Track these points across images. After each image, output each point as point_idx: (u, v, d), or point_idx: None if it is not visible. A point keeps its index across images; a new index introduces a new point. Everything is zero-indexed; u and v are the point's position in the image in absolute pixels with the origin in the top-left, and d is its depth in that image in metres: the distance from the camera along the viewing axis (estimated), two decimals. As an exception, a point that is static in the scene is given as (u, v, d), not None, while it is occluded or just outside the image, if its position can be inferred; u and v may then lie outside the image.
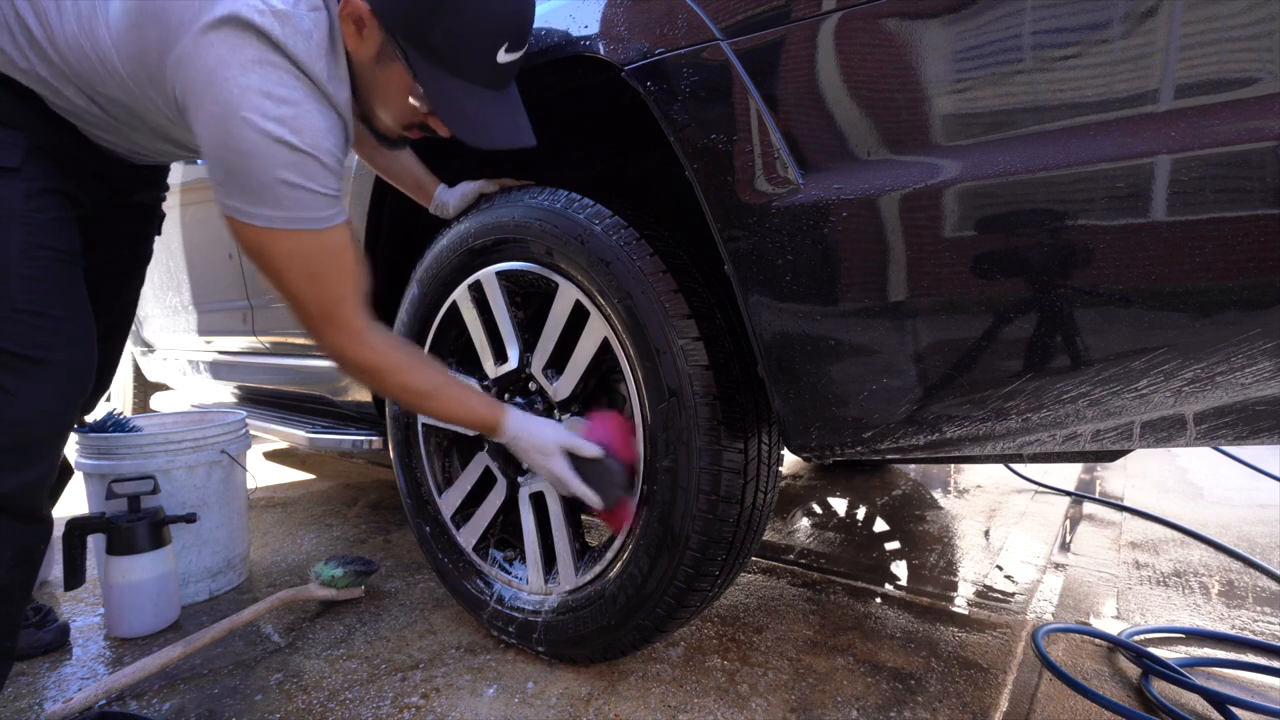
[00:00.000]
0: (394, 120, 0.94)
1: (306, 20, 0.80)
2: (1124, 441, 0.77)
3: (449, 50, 0.83)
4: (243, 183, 0.80)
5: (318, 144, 0.81)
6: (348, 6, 0.82)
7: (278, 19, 0.77)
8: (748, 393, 1.00)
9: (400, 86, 0.88)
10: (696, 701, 1.08)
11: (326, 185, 0.83)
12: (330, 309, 0.90)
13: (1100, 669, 1.19)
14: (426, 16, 0.81)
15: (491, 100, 0.88)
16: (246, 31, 0.76)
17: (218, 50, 0.76)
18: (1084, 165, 0.64)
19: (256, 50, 0.76)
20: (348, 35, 0.84)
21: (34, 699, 1.11)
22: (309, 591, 1.40)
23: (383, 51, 0.86)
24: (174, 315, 2.44)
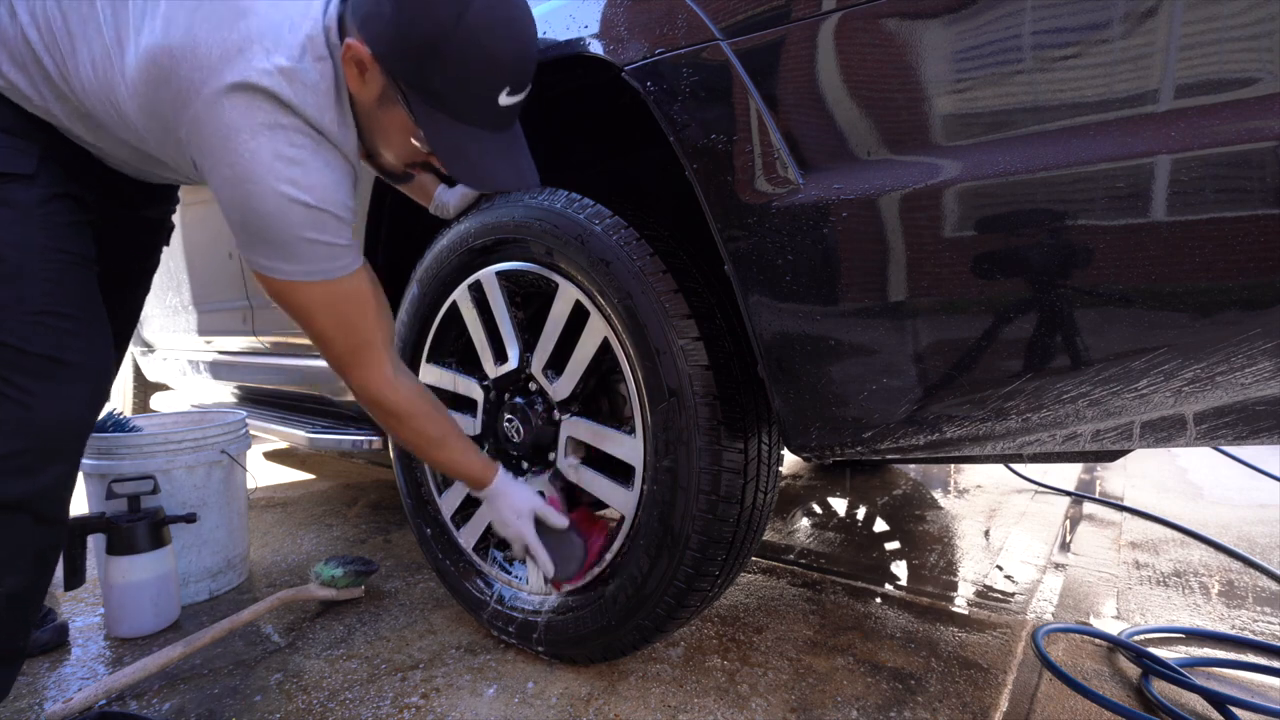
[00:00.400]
0: (397, 159, 0.95)
1: (313, 72, 0.80)
2: (1124, 441, 0.77)
3: (450, 95, 0.83)
4: (263, 240, 0.83)
5: (330, 199, 0.83)
6: (350, 51, 0.81)
7: (286, 78, 0.78)
8: (748, 393, 1.00)
9: (402, 128, 0.88)
10: (696, 701, 1.08)
11: (341, 236, 0.86)
12: (356, 351, 0.95)
13: (1100, 669, 1.19)
14: (427, 63, 0.81)
15: (493, 142, 0.88)
16: (256, 95, 0.77)
17: (229, 116, 0.77)
18: (1084, 165, 0.64)
19: (267, 114, 0.78)
20: (350, 78, 0.84)
21: (34, 699, 1.11)
22: (309, 591, 1.40)
23: (384, 95, 0.86)
24: (174, 315, 2.44)
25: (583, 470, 1.12)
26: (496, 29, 0.80)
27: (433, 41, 0.79)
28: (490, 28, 0.80)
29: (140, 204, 1.09)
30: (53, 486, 0.87)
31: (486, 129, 0.87)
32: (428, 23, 0.78)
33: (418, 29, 0.79)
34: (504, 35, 0.81)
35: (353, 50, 0.81)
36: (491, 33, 0.80)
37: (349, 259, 0.89)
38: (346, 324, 0.92)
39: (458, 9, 0.78)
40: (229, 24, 0.77)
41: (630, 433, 1.05)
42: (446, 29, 0.78)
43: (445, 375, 1.32)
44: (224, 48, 0.77)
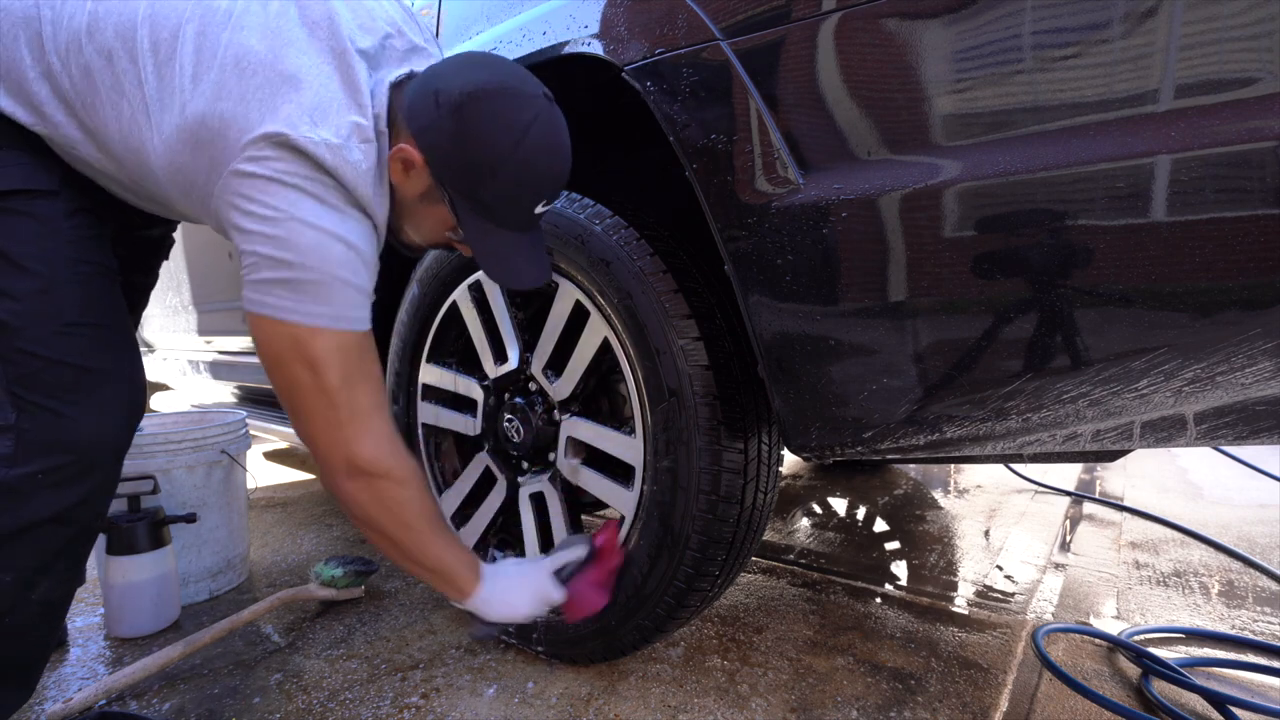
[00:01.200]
0: (424, 241, 0.99)
1: (357, 152, 0.82)
2: (1124, 441, 0.77)
3: (496, 207, 0.89)
4: (296, 280, 0.81)
5: (365, 246, 0.85)
6: (401, 153, 0.86)
7: (329, 150, 0.80)
8: (748, 393, 1.00)
9: (440, 222, 0.94)
10: (696, 701, 1.08)
11: (367, 286, 0.87)
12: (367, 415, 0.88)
13: (1100, 669, 1.19)
14: (481, 179, 0.86)
15: (523, 242, 0.94)
16: (298, 154, 0.79)
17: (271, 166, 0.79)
18: (1084, 165, 0.64)
19: (308, 170, 0.80)
20: (394, 172, 0.88)
21: (34, 699, 1.11)
22: (309, 591, 1.40)
23: (429, 194, 0.90)
24: (174, 315, 2.44)
25: (583, 470, 1.12)
26: (548, 156, 0.88)
27: (490, 164, 0.85)
28: (543, 155, 0.87)
29: (143, 225, 1.10)
30: (90, 499, 0.87)
31: (517, 231, 0.93)
32: (488, 148, 0.84)
33: (477, 151, 0.84)
34: (554, 161, 0.89)
35: (404, 153, 0.86)
36: (544, 159, 0.87)
37: (367, 313, 0.88)
38: (362, 379, 0.87)
39: (516, 138, 0.84)
40: (281, 96, 0.79)
41: (630, 433, 1.05)
42: (504, 155, 0.84)
43: (445, 375, 1.32)
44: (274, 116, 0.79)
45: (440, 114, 0.84)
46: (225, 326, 2.20)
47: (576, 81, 1.17)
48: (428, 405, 1.35)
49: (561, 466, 1.15)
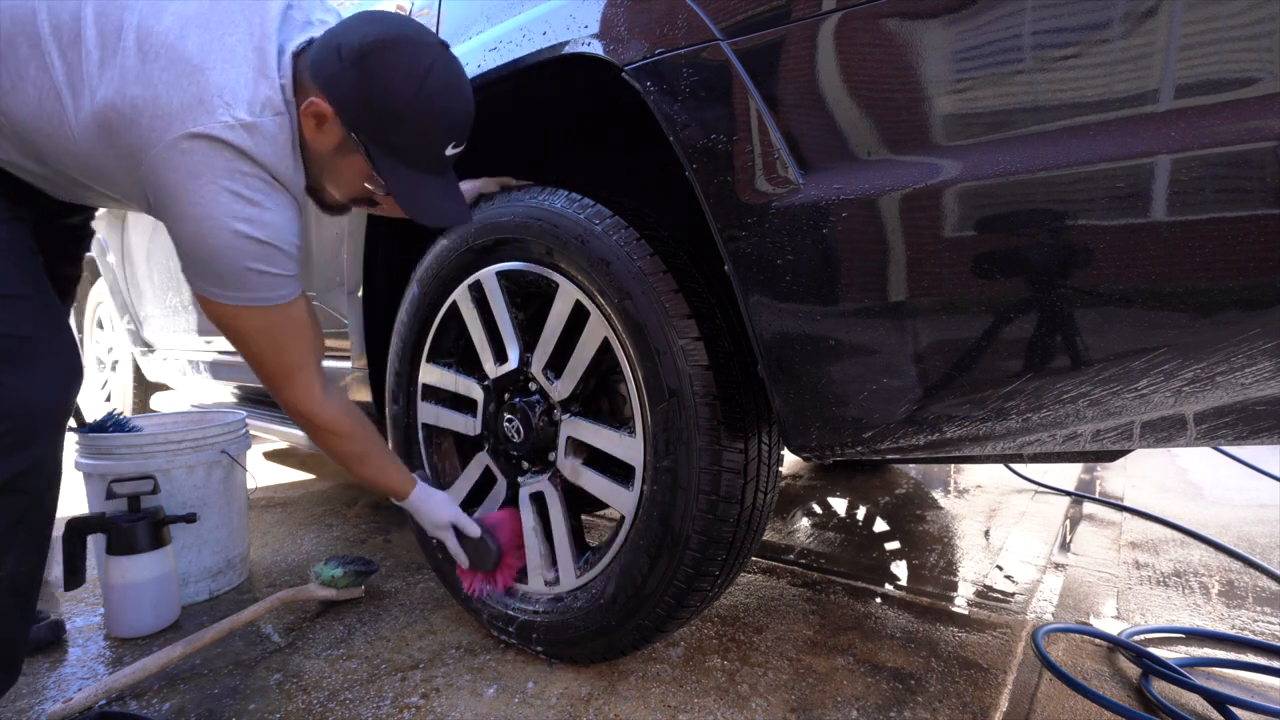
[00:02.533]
0: (344, 196, 1.05)
1: (271, 125, 0.89)
2: (1124, 441, 0.77)
3: (407, 149, 0.94)
4: (215, 272, 0.91)
5: (280, 237, 0.92)
6: (312, 107, 0.91)
7: (247, 131, 0.86)
8: (748, 393, 1.00)
9: (358, 173, 0.99)
10: (696, 701, 1.08)
11: (286, 269, 0.95)
12: (291, 373, 1.03)
13: (1100, 669, 1.19)
14: (389, 123, 0.91)
15: (438, 185, 1.00)
16: (215, 144, 0.84)
17: (189, 162, 0.84)
18: (1084, 165, 0.64)
19: (226, 160, 0.85)
20: (307, 129, 0.94)
21: (34, 699, 1.11)
22: (309, 591, 1.40)
23: (343, 145, 0.96)
24: (174, 315, 2.44)
25: (583, 470, 1.12)
26: (450, 97, 0.93)
27: (396, 107, 0.90)
28: (445, 96, 0.92)
29: (63, 213, 1.12)
30: (39, 466, 0.90)
31: (433, 175, 0.99)
32: (393, 93, 0.90)
33: (382, 95, 0.90)
34: (455, 102, 0.94)
35: (315, 107, 0.91)
36: (446, 100, 0.93)
37: (290, 289, 0.97)
38: (280, 347, 1.00)
39: (419, 82, 0.90)
40: (188, 79, 0.84)
41: (630, 433, 1.05)
42: (408, 96, 0.90)
43: (445, 375, 1.32)
44: (184, 102, 0.83)
45: (344, 66, 0.89)
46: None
47: (576, 82, 1.17)
48: (428, 405, 1.35)
49: (561, 466, 1.15)
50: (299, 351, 1.02)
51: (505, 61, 1.12)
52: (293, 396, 1.04)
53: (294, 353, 1.01)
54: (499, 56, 1.13)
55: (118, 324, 2.93)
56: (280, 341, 1.00)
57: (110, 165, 0.89)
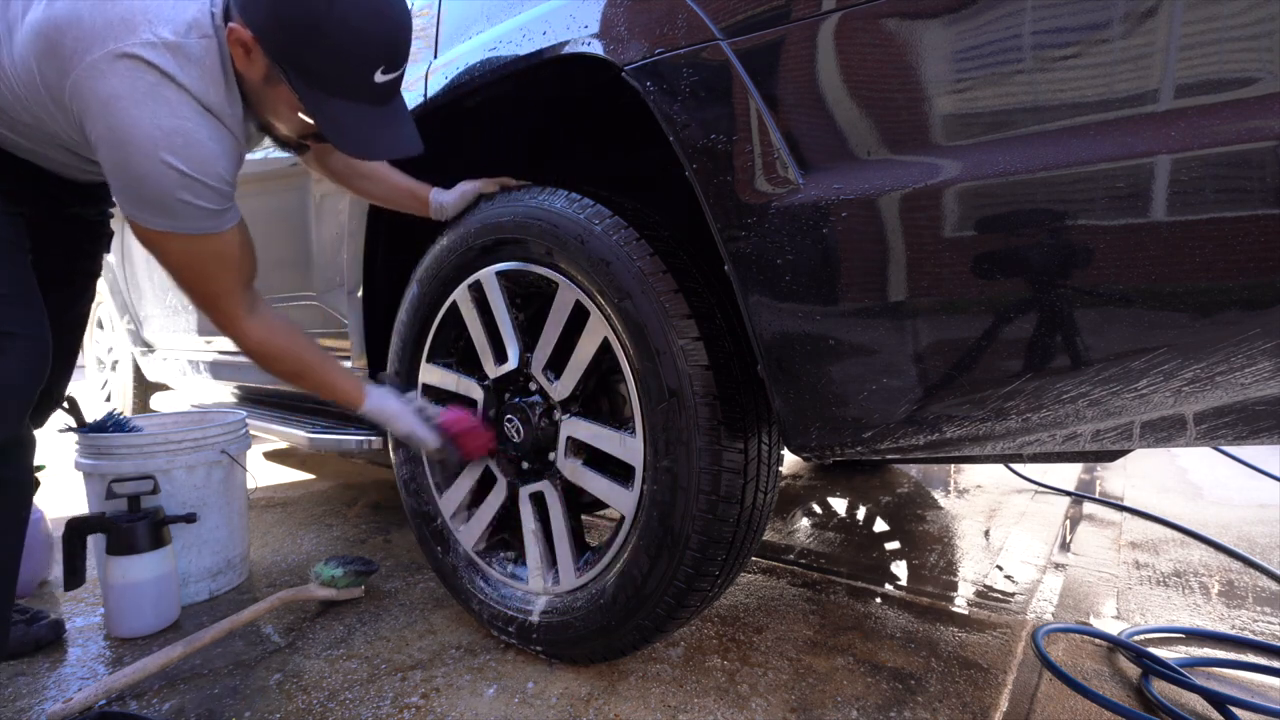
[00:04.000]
0: (291, 131, 1.01)
1: (197, 48, 0.87)
2: (1124, 441, 0.77)
3: (327, 74, 0.90)
4: (140, 197, 0.89)
5: (206, 169, 0.89)
6: (233, 34, 0.88)
7: (170, 51, 0.84)
8: (748, 393, 1.00)
9: (289, 104, 0.95)
10: (696, 701, 1.08)
11: (213, 202, 0.93)
12: (216, 299, 1.03)
13: (1100, 669, 1.19)
14: (301, 44, 0.87)
15: (374, 115, 0.95)
16: (139, 65, 0.82)
17: (111, 83, 0.82)
18: (1084, 165, 0.64)
19: (149, 84, 0.83)
20: (236, 58, 0.90)
21: (34, 699, 1.11)
22: (309, 591, 1.40)
23: (269, 74, 0.92)
24: (174, 315, 2.44)
25: (582, 470, 1.12)
26: (366, 13, 0.87)
27: (307, 26, 0.86)
28: (360, 11, 0.87)
29: (71, 201, 1.12)
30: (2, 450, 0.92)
31: (366, 103, 0.93)
32: (301, 8, 0.85)
33: (292, 14, 0.86)
34: (374, 18, 0.89)
35: (235, 33, 0.88)
36: (362, 16, 0.87)
37: (218, 221, 0.95)
38: (206, 275, 1.00)
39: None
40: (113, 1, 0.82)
41: (630, 433, 1.05)
42: (319, 14, 0.85)
43: (445, 375, 1.32)
44: (107, 19, 0.82)
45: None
46: (225, 326, 2.19)
47: (576, 82, 1.17)
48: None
49: (561, 466, 1.15)
50: (225, 279, 1.01)
51: (505, 61, 1.12)
52: (220, 320, 1.05)
53: (220, 280, 1.01)
54: (498, 56, 1.13)
55: (118, 324, 2.93)
56: (206, 270, 0.99)
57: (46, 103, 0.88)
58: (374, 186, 1.30)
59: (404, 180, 1.30)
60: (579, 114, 1.39)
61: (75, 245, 1.18)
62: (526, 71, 1.11)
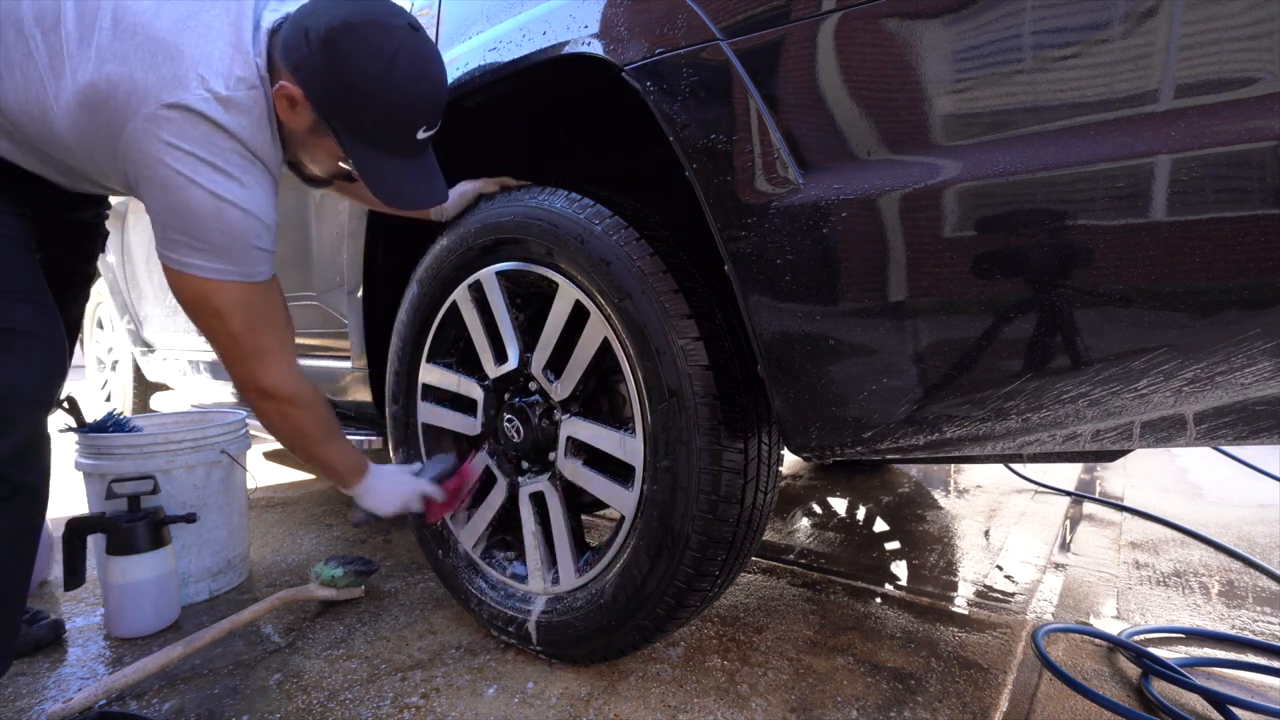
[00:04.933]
0: (323, 173, 1.06)
1: (247, 99, 0.90)
2: (1124, 441, 0.77)
3: (376, 134, 0.95)
4: (195, 240, 0.91)
5: (262, 209, 0.94)
6: (283, 90, 0.92)
7: (222, 104, 0.87)
8: (748, 393, 1.00)
9: (330, 153, 1.00)
10: (696, 701, 1.08)
11: (268, 244, 0.97)
12: (264, 351, 1.02)
13: (1100, 669, 1.19)
14: (356, 108, 0.92)
15: (413, 168, 1.00)
16: (193, 116, 0.85)
17: (167, 133, 0.85)
18: (1084, 165, 0.64)
19: (204, 134, 0.87)
20: (281, 110, 0.94)
21: (34, 699, 1.11)
22: (309, 591, 1.40)
23: (315, 127, 0.96)
24: (174, 315, 2.44)
25: (582, 470, 1.12)
26: (417, 82, 0.93)
27: (363, 92, 0.90)
28: (412, 80, 0.92)
29: (69, 206, 1.13)
30: (20, 453, 0.91)
31: (405, 157, 0.99)
32: (359, 78, 0.90)
33: (351, 80, 0.90)
34: (424, 86, 0.94)
35: (285, 90, 0.92)
36: (413, 85, 0.92)
37: (269, 267, 0.99)
38: (265, 324, 1.00)
39: (385, 66, 0.89)
40: (164, 58, 0.86)
41: (630, 433, 1.05)
42: (375, 84, 0.90)
43: (445, 375, 1.32)
44: (160, 76, 0.85)
45: (312, 50, 0.89)
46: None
47: (576, 82, 1.17)
48: (427, 405, 1.35)
49: (561, 467, 1.15)
50: (279, 328, 1.03)
51: (505, 61, 1.12)
52: (266, 373, 1.03)
53: (276, 330, 1.02)
54: (499, 56, 1.13)
55: (118, 324, 2.93)
56: (264, 318, 1.00)
57: (92, 146, 0.90)
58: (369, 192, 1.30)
59: None
60: (579, 114, 1.39)
61: (73, 247, 1.18)
62: (526, 71, 1.11)
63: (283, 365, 1.04)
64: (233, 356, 1.02)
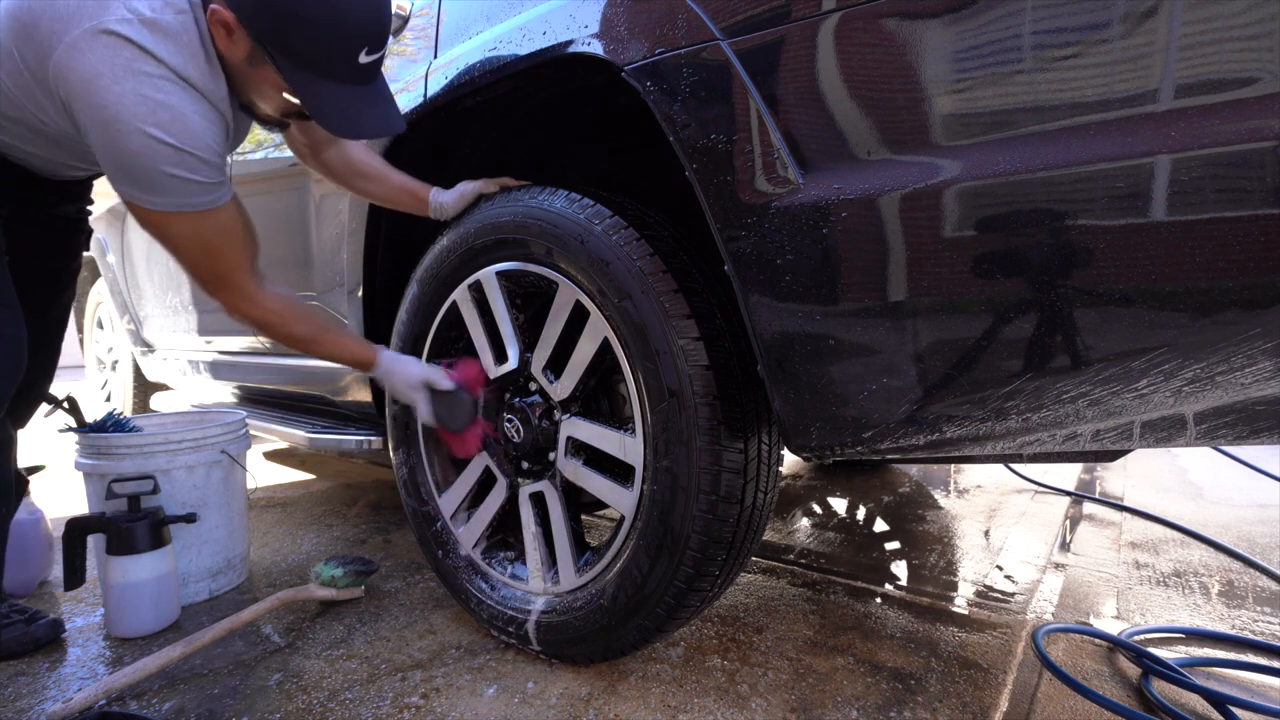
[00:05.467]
0: (273, 109, 1.02)
1: (174, 23, 0.87)
2: (1124, 441, 0.77)
3: (313, 56, 0.91)
4: (134, 176, 0.89)
5: (196, 142, 0.90)
6: (215, 15, 0.89)
7: (146, 27, 0.84)
8: (748, 393, 1.00)
9: (273, 85, 0.96)
10: (696, 701, 1.08)
11: (208, 175, 0.93)
12: (223, 276, 1.03)
13: (1100, 669, 1.19)
14: (289, 28, 0.89)
15: (359, 95, 0.96)
16: (117, 40, 0.82)
17: (91, 61, 0.82)
18: (1084, 165, 0.64)
19: (129, 59, 0.83)
20: (218, 38, 0.91)
21: (34, 699, 1.11)
22: (309, 591, 1.40)
23: (253, 55, 0.93)
24: (174, 315, 2.44)
25: (583, 470, 1.12)
26: None
27: (296, 14, 0.87)
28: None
29: (53, 201, 1.13)
30: None
31: (350, 84, 0.95)
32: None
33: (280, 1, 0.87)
34: (359, 3, 0.90)
35: (217, 14, 0.89)
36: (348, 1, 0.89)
37: (215, 195, 0.96)
38: (211, 252, 1.00)
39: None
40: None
41: (630, 433, 1.05)
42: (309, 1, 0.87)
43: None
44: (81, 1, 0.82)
45: None
46: (225, 326, 2.20)
47: (576, 82, 1.17)
48: (428, 405, 1.35)
49: (562, 467, 1.15)
50: (229, 256, 1.02)
51: (505, 62, 1.12)
52: (230, 300, 1.05)
53: (225, 258, 1.01)
54: (499, 57, 1.13)
55: (118, 324, 2.93)
56: (211, 247, 0.99)
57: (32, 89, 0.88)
58: (374, 186, 1.30)
59: (404, 180, 1.30)
60: (579, 114, 1.39)
61: (56, 243, 1.18)
62: (527, 71, 1.11)
63: (246, 291, 1.05)
64: (199, 281, 1.03)
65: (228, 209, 0.99)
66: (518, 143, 1.52)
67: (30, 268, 1.09)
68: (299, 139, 1.28)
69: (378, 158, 1.32)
